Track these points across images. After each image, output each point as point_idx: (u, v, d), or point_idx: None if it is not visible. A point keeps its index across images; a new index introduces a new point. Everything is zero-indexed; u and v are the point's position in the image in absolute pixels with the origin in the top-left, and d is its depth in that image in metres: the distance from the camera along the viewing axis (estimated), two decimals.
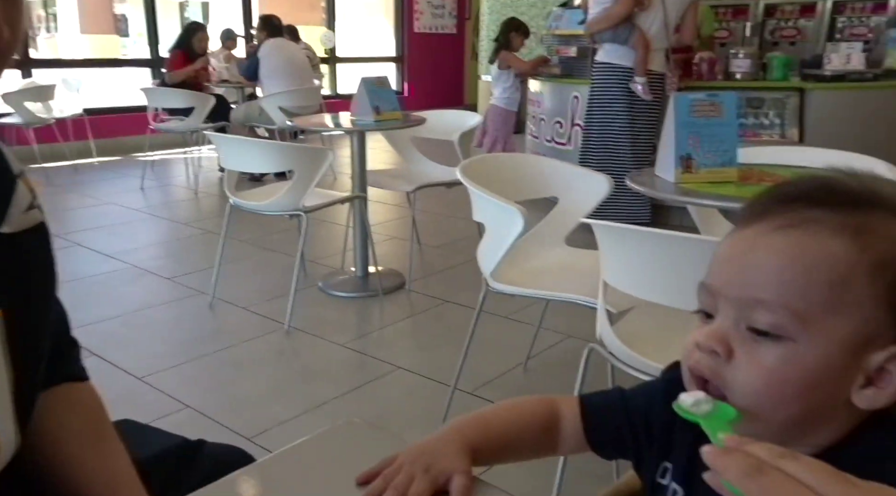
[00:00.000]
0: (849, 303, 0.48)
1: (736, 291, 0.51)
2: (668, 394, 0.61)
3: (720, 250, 0.55)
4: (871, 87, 3.96)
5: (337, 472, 0.63)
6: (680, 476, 0.59)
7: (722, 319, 0.52)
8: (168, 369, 2.39)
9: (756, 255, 0.50)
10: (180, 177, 5.87)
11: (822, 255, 0.48)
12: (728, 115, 1.78)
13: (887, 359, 0.48)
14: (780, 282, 0.49)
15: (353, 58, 9.45)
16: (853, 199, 0.50)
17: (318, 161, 2.73)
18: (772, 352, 0.49)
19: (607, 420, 0.67)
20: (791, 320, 0.48)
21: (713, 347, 0.51)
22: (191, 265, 3.52)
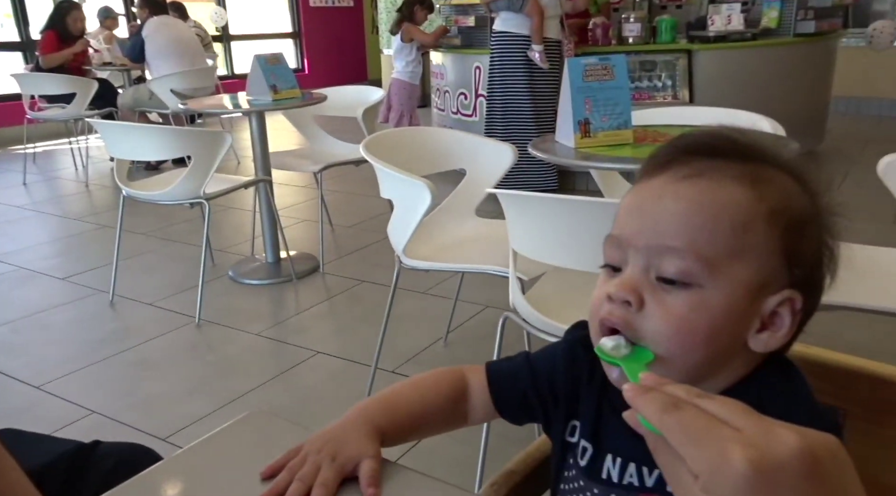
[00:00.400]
0: (750, 247, 0.50)
1: (645, 240, 0.52)
2: (570, 354, 0.64)
3: (625, 202, 0.56)
4: (751, 45, 4.20)
5: (244, 466, 0.61)
6: (588, 433, 0.61)
7: (632, 269, 0.53)
8: (68, 375, 2.25)
9: (665, 204, 0.52)
10: (67, 169, 5.48)
11: (726, 201, 0.51)
12: (620, 78, 1.83)
13: (780, 304, 0.52)
14: (689, 228, 0.50)
15: (246, 35, 9.07)
16: (744, 152, 0.53)
17: (217, 145, 2.61)
18: (681, 299, 0.50)
19: (513, 385, 0.67)
20: (699, 266, 0.50)
21: (625, 297, 0.52)
22: (86, 263, 3.31)
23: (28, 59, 6.57)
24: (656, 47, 4.18)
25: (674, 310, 0.50)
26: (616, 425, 0.58)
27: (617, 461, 0.58)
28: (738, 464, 0.35)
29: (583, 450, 0.60)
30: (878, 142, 5.33)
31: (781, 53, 4.27)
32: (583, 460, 0.60)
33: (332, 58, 9.73)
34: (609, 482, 0.58)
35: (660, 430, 0.39)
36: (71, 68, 5.29)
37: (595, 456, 0.59)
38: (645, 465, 0.56)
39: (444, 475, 0.63)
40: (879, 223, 3.34)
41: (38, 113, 5.06)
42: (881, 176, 1.62)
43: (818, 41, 4.37)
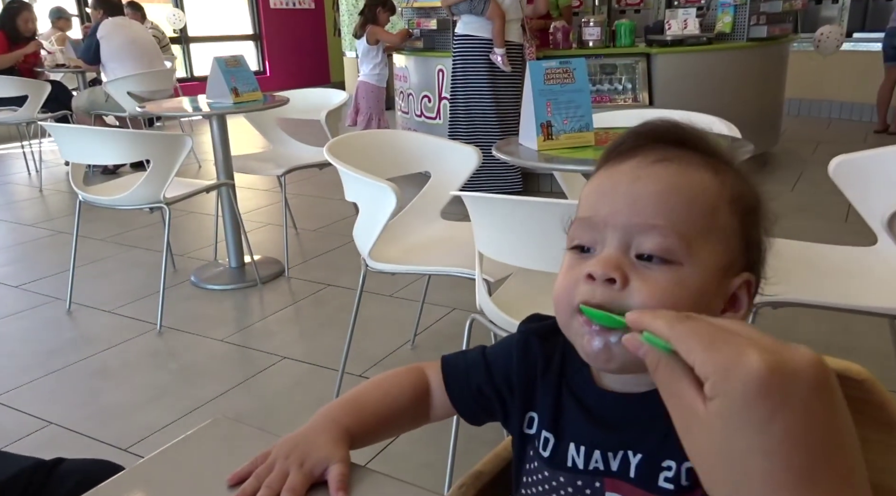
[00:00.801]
0: (718, 229, 0.53)
1: (625, 219, 0.52)
2: (524, 345, 0.65)
3: (593, 186, 0.57)
4: (706, 49, 4.30)
5: (208, 474, 0.60)
6: (547, 423, 0.61)
7: (610, 249, 0.53)
8: (23, 386, 2.18)
9: (642, 184, 0.53)
10: (20, 173, 5.31)
11: (698, 184, 0.54)
12: (580, 81, 1.86)
13: (739, 286, 0.55)
14: (668, 207, 0.52)
15: (206, 37, 8.93)
16: (705, 146, 0.57)
17: (176, 148, 2.56)
18: (664, 275, 0.51)
19: (467, 381, 0.67)
20: (679, 244, 0.51)
21: (609, 275, 0.51)
22: (41, 270, 3.21)
23: None
24: (616, 51, 4.25)
25: (659, 285, 0.51)
26: (576, 413, 0.59)
27: (581, 448, 0.58)
28: (754, 364, 0.36)
29: (545, 441, 0.61)
30: (829, 143, 5.52)
31: (736, 57, 4.38)
32: (545, 451, 0.60)
33: (294, 60, 9.64)
34: (574, 469, 0.58)
35: (669, 341, 0.40)
36: (22, 70, 5.13)
37: (557, 445, 0.60)
38: (609, 451, 0.57)
39: (414, 478, 0.63)
40: (832, 221, 3.46)
41: None
42: (832, 176, 1.68)
43: (770, 45, 4.51)
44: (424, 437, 1.86)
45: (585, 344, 0.53)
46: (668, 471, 0.53)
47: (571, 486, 0.58)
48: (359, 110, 4.85)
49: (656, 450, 0.54)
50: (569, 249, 0.56)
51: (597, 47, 4.27)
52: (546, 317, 0.66)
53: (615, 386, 0.59)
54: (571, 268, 0.55)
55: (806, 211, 3.67)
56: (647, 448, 0.55)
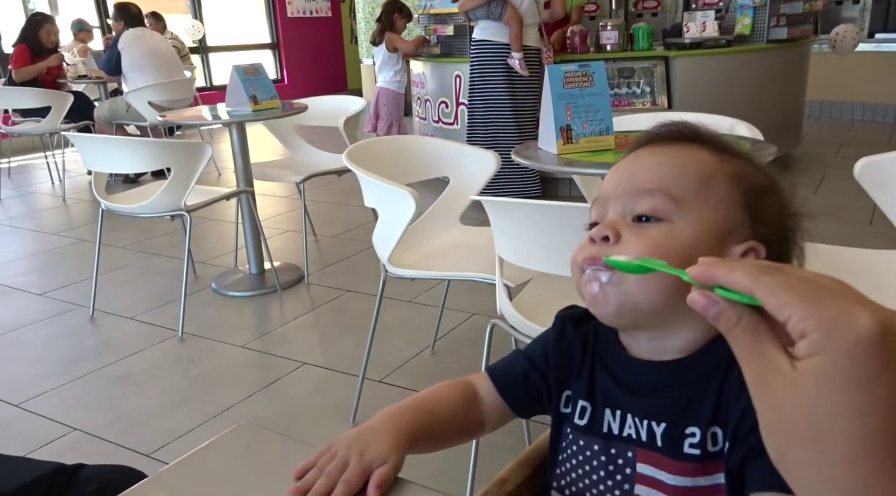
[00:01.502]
0: (714, 196, 0.59)
1: (623, 188, 0.61)
2: (560, 328, 0.70)
3: (609, 174, 0.65)
4: (726, 52, 4.26)
5: (232, 480, 0.60)
6: (584, 393, 0.65)
7: (611, 216, 0.60)
8: (48, 392, 2.21)
9: (641, 161, 0.62)
10: (44, 183, 5.40)
11: (692, 157, 0.61)
12: (599, 84, 1.85)
13: (745, 252, 0.58)
14: (660, 174, 0.60)
15: (224, 46, 9.03)
16: (713, 141, 0.64)
17: (197, 157, 2.59)
18: (653, 231, 0.58)
19: (513, 372, 0.71)
20: (668, 203, 0.58)
21: (604, 233, 0.58)
22: (65, 278, 3.26)
23: (1, 74, 6.48)
24: (634, 54, 4.23)
25: (648, 236, 0.57)
26: (608, 381, 0.64)
27: (616, 413, 0.62)
28: (865, 322, 0.34)
29: (581, 410, 0.65)
30: (851, 145, 5.43)
31: (756, 59, 4.34)
32: (582, 419, 0.64)
33: (311, 68, 9.72)
34: (609, 435, 0.62)
35: (753, 294, 0.37)
36: (45, 82, 5.22)
37: (593, 413, 0.64)
38: (637, 417, 0.61)
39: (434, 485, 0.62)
40: (856, 224, 3.40)
41: (12, 127, 4.99)
42: (857, 178, 1.65)
43: (791, 47, 4.46)
44: None
45: (586, 293, 0.60)
46: (692, 438, 0.57)
47: (605, 455, 0.62)
48: (378, 116, 4.85)
49: (679, 417, 0.58)
50: (587, 227, 0.63)
51: (614, 51, 4.25)
52: (580, 308, 0.70)
53: (642, 354, 0.62)
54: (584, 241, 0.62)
55: (830, 214, 3.61)
56: (670, 416, 0.59)
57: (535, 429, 1.82)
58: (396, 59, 4.79)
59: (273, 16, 9.41)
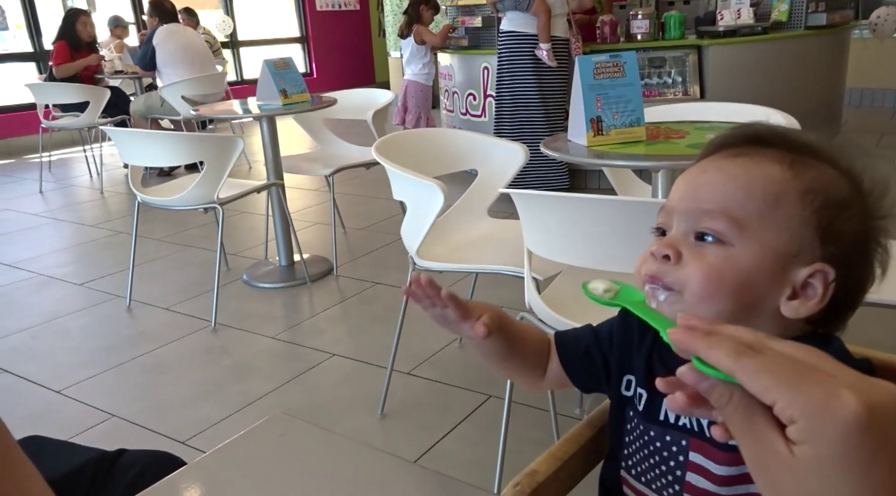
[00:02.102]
0: (780, 217, 0.56)
1: (686, 205, 0.60)
2: (624, 316, 0.71)
3: (679, 178, 0.64)
4: (761, 39, 4.16)
5: (266, 468, 0.62)
6: (642, 380, 0.67)
7: (674, 231, 0.60)
8: (87, 379, 2.27)
9: (706, 176, 0.60)
10: (82, 176, 5.53)
11: (760, 175, 0.58)
12: (631, 75, 1.82)
13: (811, 275, 0.56)
14: (723, 194, 0.58)
15: (254, 40, 9.12)
16: (790, 143, 0.60)
17: (229, 150, 2.62)
18: (714, 252, 0.57)
19: (576, 344, 0.73)
20: (730, 226, 0.56)
21: (664, 252, 0.59)
22: (103, 268, 3.34)
23: (41, 69, 6.65)
24: (665, 44, 4.15)
25: (707, 260, 0.57)
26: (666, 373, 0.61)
27: None
28: (851, 405, 0.33)
29: (639, 397, 0.67)
30: (894, 133, 5.28)
31: (793, 46, 4.23)
32: (640, 405, 0.66)
33: (339, 61, 9.76)
34: (666, 423, 0.64)
35: (732, 375, 0.36)
36: (83, 77, 5.34)
37: (650, 399, 0.65)
38: None
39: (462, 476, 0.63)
40: None
41: (53, 122, 5.11)
42: None
43: (830, 33, 4.33)
44: (473, 436, 1.86)
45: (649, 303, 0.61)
46: None
47: (660, 441, 0.64)
48: (406, 109, 4.85)
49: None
50: (653, 229, 0.64)
51: (645, 40, 4.18)
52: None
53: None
54: (649, 247, 0.63)
55: None
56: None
57: (564, 423, 1.82)
58: (424, 51, 4.77)
59: (302, 10, 9.47)
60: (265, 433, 0.67)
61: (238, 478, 0.61)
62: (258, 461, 0.63)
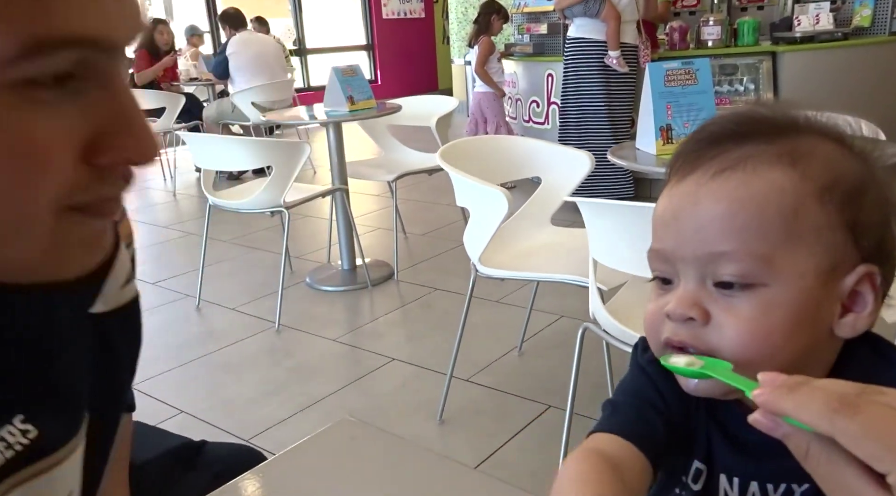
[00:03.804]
0: (806, 232, 0.46)
1: (692, 250, 0.48)
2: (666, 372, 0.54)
3: (659, 211, 0.52)
4: (842, 45, 3.99)
5: (335, 471, 0.63)
6: (702, 453, 0.55)
7: (685, 282, 0.49)
8: (159, 375, 2.36)
9: (703, 208, 0.48)
10: (157, 179, 5.78)
11: (768, 190, 0.47)
12: (703, 82, 1.78)
13: (857, 282, 0.47)
14: (735, 229, 0.46)
15: (322, 48, 9.35)
16: (776, 127, 0.49)
17: (296, 155, 2.69)
18: (748, 302, 0.46)
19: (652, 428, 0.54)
20: (757, 265, 0.46)
21: (687, 314, 0.47)
22: (174, 268, 3.47)
23: None
24: (737, 50, 4.03)
25: (743, 314, 0.46)
26: (722, 441, 0.54)
27: (734, 481, 0.53)
28: None
29: (696, 473, 0.55)
30: None
31: (876, 53, 4.03)
32: (697, 484, 0.55)
33: (404, 68, 9.88)
34: None
35: (832, 435, 0.33)
36: (160, 85, 5.59)
37: (709, 478, 0.55)
38: (769, 483, 0.51)
39: (522, 486, 0.62)
40: None
41: None
42: None
43: None
44: (532, 445, 1.84)
45: (682, 383, 0.50)
46: None
47: None
48: (485, 120, 4.65)
49: None
50: (651, 279, 0.53)
51: (716, 47, 4.07)
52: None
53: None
54: (657, 299, 0.51)
55: None
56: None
57: None
58: (493, 60, 4.71)
59: (369, 18, 9.65)
60: (335, 435, 0.67)
61: (310, 478, 0.62)
62: (329, 462, 0.64)
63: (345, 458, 0.64)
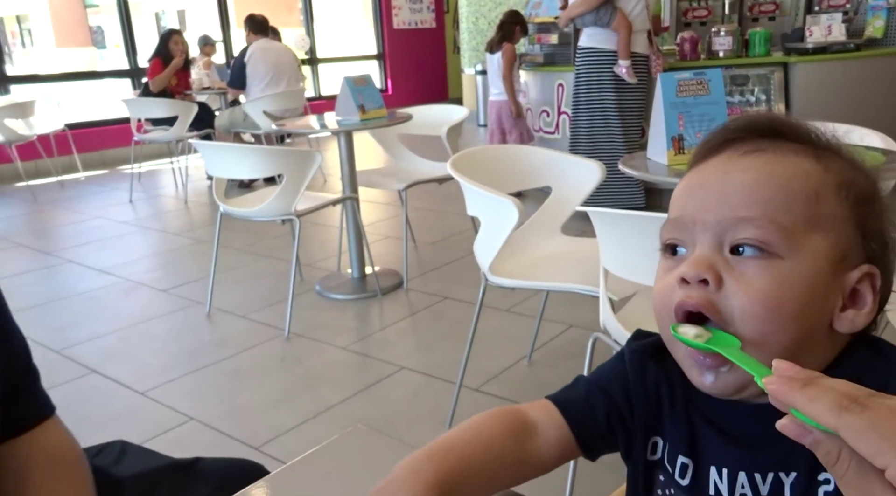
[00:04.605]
0: (823, 218, 0.49)
1: (714, 214, 0.49)
2: (640, 366, 0.58)
3: (683, 185, 0.54)
4: (854, 56, 3.97)
5: (346, 481, 0.63)
6: (683, 447, 0.55)
7: (701, 248, 0.50)
8: (169, 382, 2.37)
9: (733, 177, 0.50)
10: (169, 187, 5.83)
11: (795, 171, 0.49)
12: (715, 92, 1.77)
13: (859, 279, 0.49)
14: (762, 198, 0.48)
15: (333, 58, 9.41)
16: (801, 134, 0.53)
17: (307, 164, 2.70)
18: (762, 272, 0.47)
19: (593, 413, 0.58)
20: (778, 235, 0.47)
21: (702, 275, 0.48)
22: (185, 275, 3.49)
23: (136, 86, 7.06)
24: (749, 61, 4.03)
25: (757, 283, 0.47)
26: (709, 432, 0.54)
27: (723, 472, 0.53)
28: None
29: (682, 467, 0.55)
30: None
31: (889, 64, 4.01)
32: (684, 478, 0.55)
33: (414, 77, 9.93)
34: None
35: (838, 433, 0.34)
36: (174, 93, 5.64)
37: (696, 471, 0.54)
38: (756, 472, 0.51)
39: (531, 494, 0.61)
40: None
41: (144, 135, 5.42)
42: None
43: None
44: None
45: (695, 376, 0.51)
46: (827, 485, 0.48)
47: None
48: (505, 131, 4.62)
49: (812, 463, 0.48)
50: (661, 251, 0.54)
51: (727, 57, 4.06)
52: (652, 334, 0.61)
53: (750, 396, 0.52)
54: (665, 273, 0.52)
55: None
56: (801, 464, 0.49)
57: None
58: (514, 68, 4.68)
59: (380, 27, 9.70)
60: (346, 444, 0.67)
61: (321, 488, 0.62)
62: (340, 471, 0.64)
63: (355, 468, 0.63)
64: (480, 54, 7.70)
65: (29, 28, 14.88)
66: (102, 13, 13.91)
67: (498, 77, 4.64)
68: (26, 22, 14.77)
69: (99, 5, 14.21)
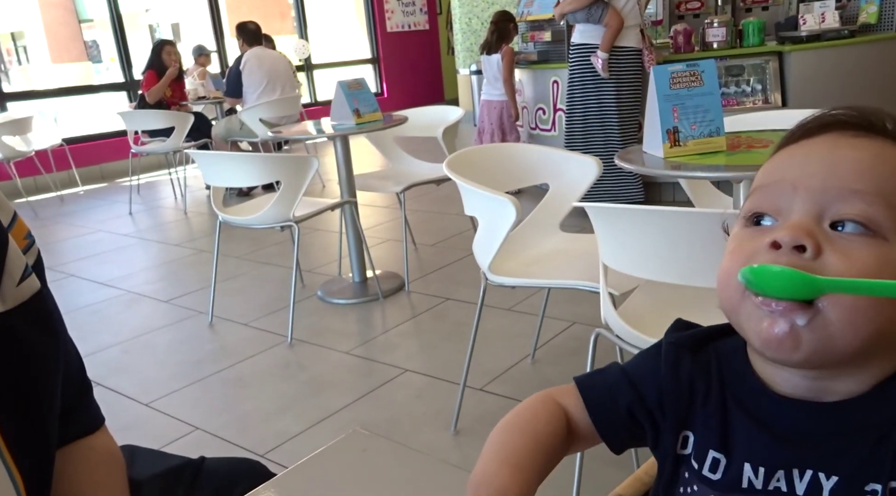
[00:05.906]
0: None
1: (822, 181, 0.46)
2: (675, 357, 0.56)
3: (779, 157, 0.51)
4: (849, 43, 3.96)
5: (347, 484, 0.62)
6: (716, 442, 0.53)
7: (799, 215, 0.46)
8: (173, 393, 2.37)
9: (842, 151, 0.47)
10: (168, 198, 5.83)
11: None
12: (709, 83, 1.76)
13: None
14: (875, 174, 0.46)
15: (327, 63, 9.41)
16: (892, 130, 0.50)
17: (304, 170, 2.70)
18: (866, 250, 0.44)
19: (615, 403, 0.57)
20: (888, 215, 0.45)
21: (800, 241, 0.44)
22: (187, 286, 3.49)
23: (132, 98, 7.08)
24: (743, 51, 4.02)
25: (858, 260, 0.44)
26: (748, 426, 0.52)
27: (759, 469, 0.51)
28: None
29: (713, 462, 0.53)
30: None
31: (884, 50, 4.00)
32: (716, 473, 0.52)
33: (409, 80, 9.93)
34: (751, 490, 0.51)
35: None
36: (170, 104, 5.65)
37: (729, 466, 0.52)
38: (794, 468, 0.49)
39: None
40: None
41: (141, 147, 5.42)
42: None
43: None
44: None
45: (765, 328, 0.46)
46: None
47: None
48: (504, 131, 4.58)
49: (857, 471, 0.46)
50: (742, 221, 0.50)
51: (721, 48, 4.06)
52: (693, 325, 0.59)
53: (795, 391, 0.50)
54: (745, 242, 0.48)
55: None
56: (845, 469, 0.47)
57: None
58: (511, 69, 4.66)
59: (374, 31, 9.71)
60: (346, 448, 0.67)
61: (322, 492, 0.62)
62: (340, 475, 0.64)
63: (356, 471, 0.63)
64: (475, 55, 7.70)
65: (24, 45, 14.93)
66: (97, 27, 13.94)
67: (496, 78, 4.61)
68: (21, 39, 14.82)
69: (93, 20, 14.24)
